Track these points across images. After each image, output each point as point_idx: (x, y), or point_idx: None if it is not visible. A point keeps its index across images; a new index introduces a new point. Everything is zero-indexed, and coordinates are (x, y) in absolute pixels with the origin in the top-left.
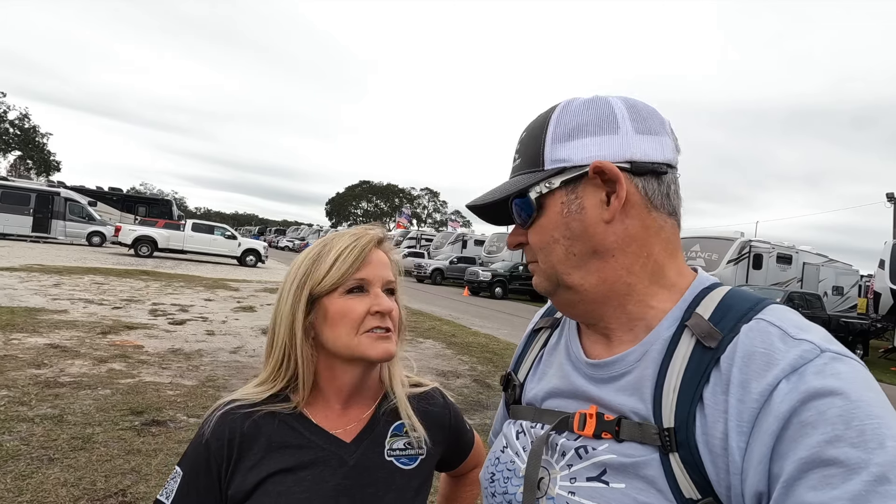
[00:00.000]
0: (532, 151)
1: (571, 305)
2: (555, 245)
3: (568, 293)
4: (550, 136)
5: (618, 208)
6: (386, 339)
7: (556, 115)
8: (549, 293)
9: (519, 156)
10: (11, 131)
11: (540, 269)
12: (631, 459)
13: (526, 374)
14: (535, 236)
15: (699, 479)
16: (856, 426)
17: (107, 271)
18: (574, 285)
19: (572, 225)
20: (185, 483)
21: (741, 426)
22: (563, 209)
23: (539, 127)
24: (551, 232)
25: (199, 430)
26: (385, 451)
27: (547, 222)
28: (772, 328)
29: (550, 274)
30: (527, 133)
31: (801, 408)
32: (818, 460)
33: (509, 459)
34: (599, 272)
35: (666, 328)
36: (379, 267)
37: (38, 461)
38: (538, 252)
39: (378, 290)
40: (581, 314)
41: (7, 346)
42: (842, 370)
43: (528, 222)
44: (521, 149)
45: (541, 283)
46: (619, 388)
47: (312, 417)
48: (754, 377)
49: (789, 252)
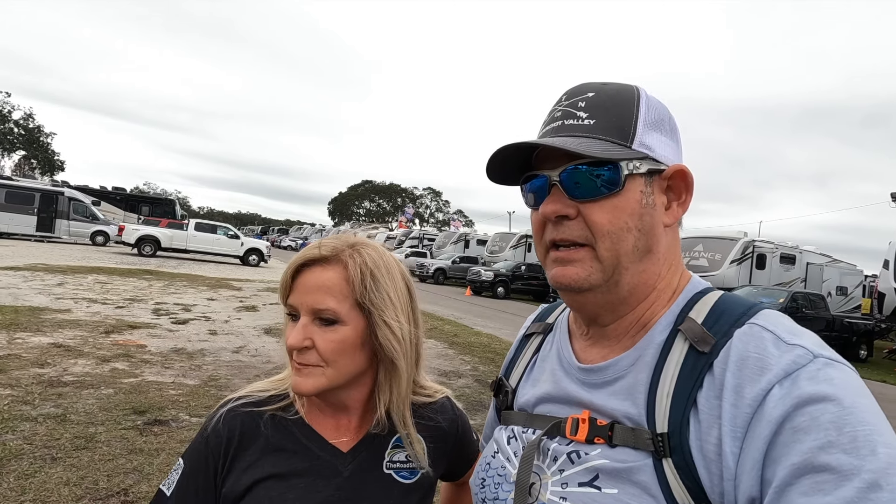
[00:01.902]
0: (618, 121)
1: (598, 305)
2: (627, 233)
3: (608, 292)
4: (643, 117)
5: (680, 216)
6: (300, 373)
7: (644, 97)
8: (591, 287)
9: (592, 117)
10: (16, 131)
11: (595, 256)
12: (624, 465)
13: (518, 379)
14: (605, 216)
15: (692, 485)
16: (848, 432)
17: (110, 271)
18: (622, 283)
19: (645, 218)
20: (185, 476)
21: (735, 431)
22: (642, 198)
23: (625, 98)
24: (626, 218)
25: (204, 423)
26: (384, 463)
27: (625, 205)
28: (765, 333)
29: (611, 264)
30: (599, 96)
31: (794, 413)
32: (810, 466)
33: (500, 465)
34: (643, 274)
35: (659, 332)
36: (303, 293)
37: (41, 460)
38: (603, 236)
39: (304, 319)
40: (601, 315)
41: (11, 346)
42: (835, 376)
43: (597, 196)
44: (594, 110)
45: (590, 276)
46: (612, 392)
47: (312, 423)
48: (748, 382)
49: (793, 252)
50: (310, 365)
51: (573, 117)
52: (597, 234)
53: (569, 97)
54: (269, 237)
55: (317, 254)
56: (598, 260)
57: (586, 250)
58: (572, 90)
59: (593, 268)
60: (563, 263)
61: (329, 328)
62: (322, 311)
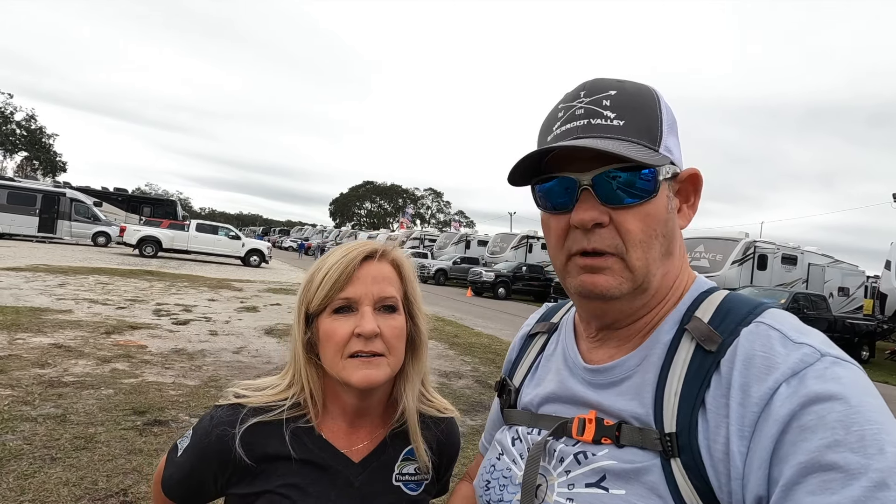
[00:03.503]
0: (645, 124)
1: (621, 311)
2: (655, 241)
3: (636, 299)
4: (665, 120)
5: (692, 219)
6: (368, 364)
7: (662, 99)
8: (621, 295)
9: (620, 118)
10: (18, 132)
11: (625, 265)
12: (631, 465)
13: (522, 379)
14: (638, 223)
15: (701, 485)
16: (856, 431)
17: (111, 271)
18: (650, 289)
19: (670, 223)
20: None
21: (742, 430)
22: (668, 203)
23: (647, 99)
24: (656, 225)
25: (208, 420)
26: (394, 475)
27: (655, 212)
28: (772, 332)
29: (642, 273)
30: (622, 95)
31: (801, 412)
32: (817, 465)
33: (505, 467)
34: (665, 277)
35: (665, 332)
36: (368, 283)
37: (41, 461)
38: (635, 245)
39: (367, 308)
40: (621, 319)
41: (11, 346)
42: (842, 375)
43: (632, 203)
44: (621, 111)
45: (621, 285)
46: (619, 392)
47: (324, 432)
48: (755, 381)
49: (794, 253)
50: (377, 354)
51: (600, 116)
52: (629, 243)
53: (589, 94)
54: (271, 238)
55: (373, 248)
56: (629, 269)
57: (615, 259)
58: (591, 86)
59: (624, 277)
60: (592, 272)
61: (391, 315)
62: (387, 298)
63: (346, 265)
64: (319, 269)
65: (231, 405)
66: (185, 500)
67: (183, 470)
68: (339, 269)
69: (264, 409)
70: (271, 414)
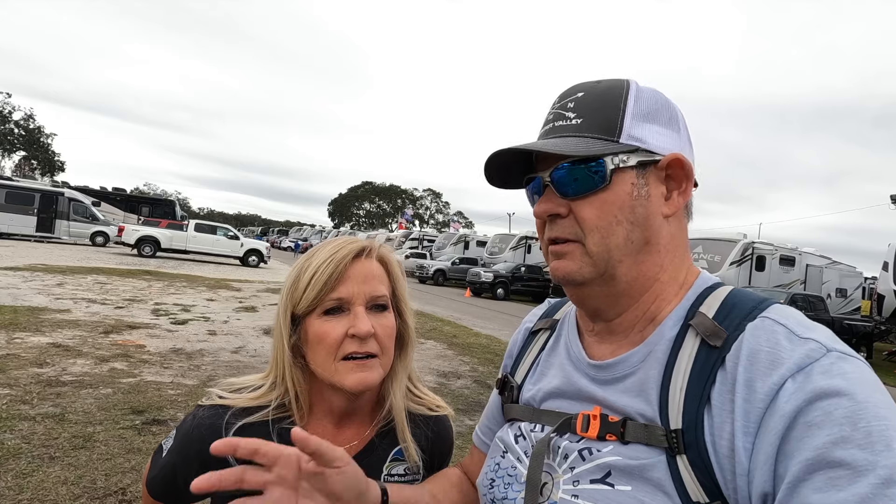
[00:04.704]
0: (604, 118)
1: (597, 298)
2: (617, 227)
3: (605, 285)
4: (631, 111)
5: (681, 205)
6: (363, 367)
7: (634, 90)
8: (585, 281)
9: (579, 116)
10: (16, 132)
11: (584, 251)
12: (637, 462)
13: (524, 375)
14: (593, 211)
15: (707, 481)
16: (863, 427)
17: (110, 271)
18: (619, 276)
19: (638, 210)
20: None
21: (747, 426)
22: (633, 191)
23: (613, 94)
24: (615, 212)
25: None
26: (382, 476)
27: (613, 199)
28: (777, 327)
29: (602, 258)
30: (587, 95)
31: (807, 408)
32: (824, 461)
33: (510, 465)
34: (642, 266)
35: (670, 328)
36: (360, 282)
37: (39, 459)
38: (591, 231)
39: (360, 308)
40: (603, 309)
41: (10, 345)
42: (848, 370)
43: (585, 193)
44: (581, 109)
45: (581, 269)
46: (624, 389)
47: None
48: (760, 376)
49: (792, 254)
50: (371, 355)
51: (562, 118)
52: (585, 230)
53: (560, 99)
54: (269, 238)
55: (362, 246)
56: (588, 254)
57: (576, 244)
58: (564, 92)
59: (584, 261)
60: (557, 257)
61: (382, 314)
62: (378, 297)
63: (337, 264)
64: (306, 268)
65: (214, 405)
66: (171, 500)
67: (166, 470)
68: (328, 268)
69: (249, 411)
70: (257, 415)
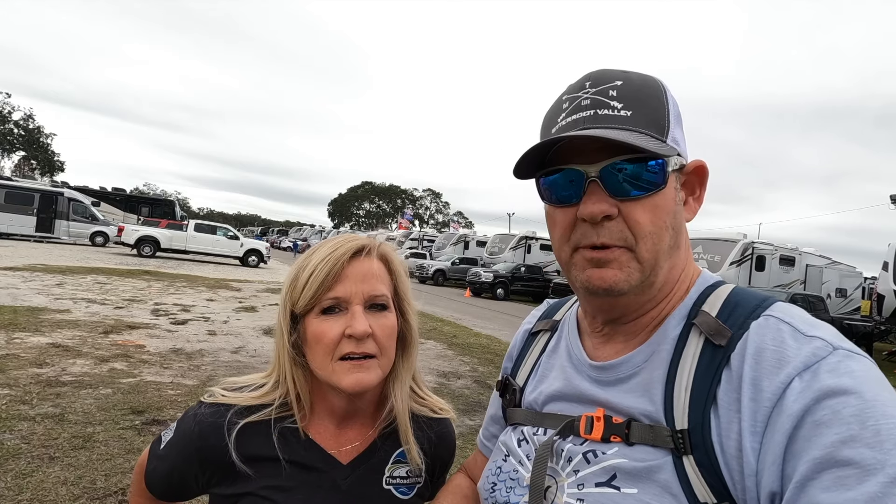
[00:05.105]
0: (653, 114)
1: (628, 305)
2: (664, 233)
3: (643, 293)
4: (672, 111)
5: (697, 211)
6: (360, 367)
7: (668, 90)
8: (630, 290)
9: (627, 108)
10: (16, 132)
11: (634, 257)
12: (643, 463)
13: (525, 378)
14: (647, 215)
15: (715, 482)
16: (871, 426)
17: (109, 271)
18: (657, 282)
19: (678, 215)
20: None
21: (755, 426)
22: (676, 195)
23: (654, 90)
24: (665, 216)
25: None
26: (384, 478)
27: (663, 203)
28: (782, 325)
29: (650, 265)
30: (628, 86)
31: (814, 406)
32: (832, 461)
33: (512, 468)
34: (672, 270)
35: (673, 327)
36: (358, 281)
37: (39, 460)
38: (644, 237)
39: (357, 308)
40: (627, 314)
41: (9, 346)
42: (855, 368)
43: (640, 195)
44: (628, 101)
45: (630, 278)
46: (628, 389)
47: (311, 433)
48: (766, 375)
49: (792, 254)
50: (368, 356)
51: (606, 107)
52: (638, 236)
53: (595, 84)
54: (269, 238)
55: (361, 244)
56: (638, 261)
57: (623, 251)
58: (596, 76)
59: (632, 269)
60: (599, 265)
61: (381, 314)
62: (378, 297)
63: (334, 263)
64: (304, 267)
65: (216, 403)
66: (167, 495)
67: (165, 464)
68: (326, 267)
69: (251, 410)
70: (258, 414)
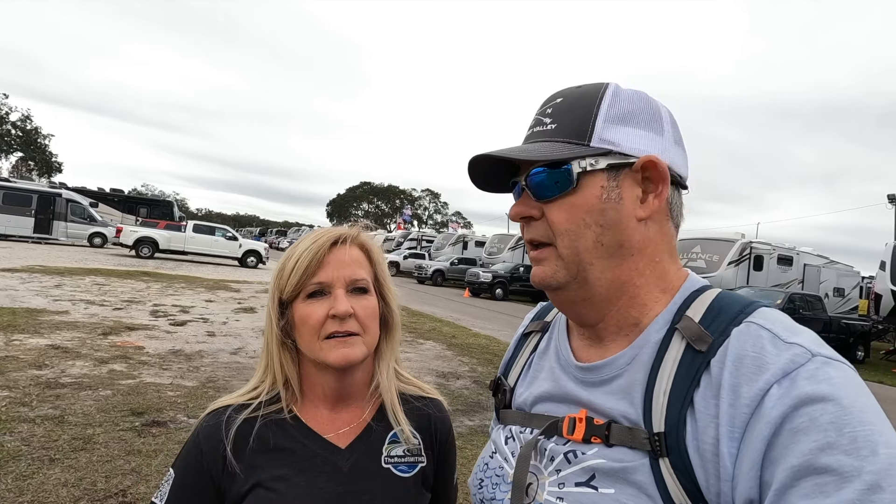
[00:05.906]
0: (576, 122)
1: (576, 303)
2: (586, 230)
3: (580, 289)
4: (604, 114)
5: (656, 208)
6: (345, 343)
7: (610, 94)
8: (560, 286)
9: (554, 121)
10: (13, 132)
11: (557, 254)
12: (620, 464)
13: (516, 378)
14: (562, 214)
15: (689, 485)
16: (848, 433)
17: (108, 272)
18: (591, 280)
19: (608, 213)
20: (177, 486)
21: (732, 432)
22: (603, 194)
23: (588, 99)
24: (584, 215)
25: (193, 432)
26: (382, 458)
27: (582, 202)
28: (762, 331)
29: (572, 262)
30: (566, 100)
31: (792, 414)
32: (811, 468)
33: (498, 465)
34: (616, 269)
35: (656, 331)
36: (339, 267)
37: (39, 462)
38: (561, 234)
39: (340, 291)
40: (583, 314)
41: (8, 347)
42: (833, 375)
43: (554, 196)
44: (557, 115)
45: (555, 274)
46: (610, 391)
47: (306, 420)
48: (745, 381)
49: (790, 254)
50: (352, 334)
51: (540, 124)
52: (556, 233)
53: (542, 105)
54: (268, 239)
55: (340, 234)
56: (560, 258)
57: (550, 249)
58: (547, 98)
59: (557, 265)
60: (536, 262)
61: (362, 296)
62: (358, 280)
63: (316, 251)
64: (290, 256)
65: (213, 410)
66: None
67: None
68: (309, 255)
69: (245, 406)
70: (248, 410)
